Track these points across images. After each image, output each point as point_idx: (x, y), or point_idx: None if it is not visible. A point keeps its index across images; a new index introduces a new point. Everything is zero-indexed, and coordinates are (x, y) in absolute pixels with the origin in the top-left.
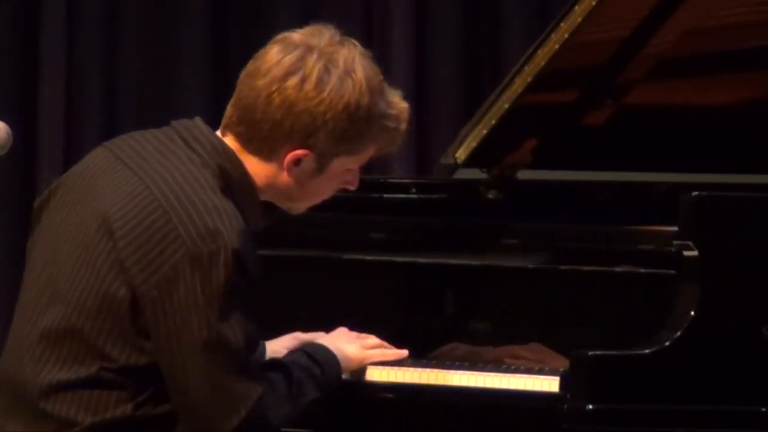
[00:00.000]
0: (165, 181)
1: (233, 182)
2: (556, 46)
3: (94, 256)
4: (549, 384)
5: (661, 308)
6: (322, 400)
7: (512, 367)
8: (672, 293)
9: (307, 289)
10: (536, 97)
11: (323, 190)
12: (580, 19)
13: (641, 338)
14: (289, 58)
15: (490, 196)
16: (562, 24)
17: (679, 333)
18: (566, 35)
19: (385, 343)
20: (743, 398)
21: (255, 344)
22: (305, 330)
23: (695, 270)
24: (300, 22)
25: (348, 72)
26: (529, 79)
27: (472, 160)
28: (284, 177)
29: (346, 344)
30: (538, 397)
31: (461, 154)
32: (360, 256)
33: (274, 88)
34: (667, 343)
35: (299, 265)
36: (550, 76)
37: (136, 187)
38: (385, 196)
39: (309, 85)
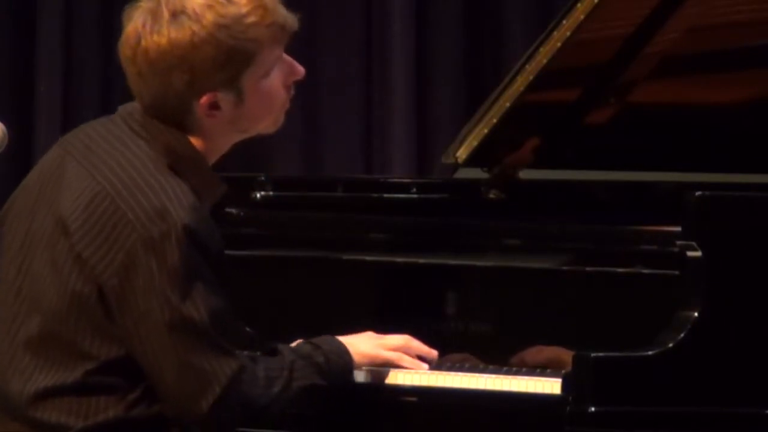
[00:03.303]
0: (111, 169)
1: (180, 157)
2: (559, 44)
3: (55, 257)
4: (551, 386)
5: (665, 309)
6: (329, 389)
7: (513, 369)
8: (675, 294)
9: (307, 290)
10: (538, 96)
11: (266, 102)
12: (582, 17)
13: (644, 340)
14: (128, 32)
15: (491, 195)
16: (564, 21)
17: (682, 334)
18: (569, 33)
19: (414, 342)
20: (747, 400)
21: (224, 319)
22: (305, 331)
23: (699, 270)
24: (299, 23)
25: (176, 13)
26: (531, 78)
27: (474, 160)
28: (218, 125)
29: (363, 341)
30: (540, 400)
31: (462, 153)
32: (360, 256)
33: (138, 63)
34: (670, 345)
35: (299, 265)
36: (553, 75)
37: (85, 181)
38: (385, 196)
39: (152, 42)
